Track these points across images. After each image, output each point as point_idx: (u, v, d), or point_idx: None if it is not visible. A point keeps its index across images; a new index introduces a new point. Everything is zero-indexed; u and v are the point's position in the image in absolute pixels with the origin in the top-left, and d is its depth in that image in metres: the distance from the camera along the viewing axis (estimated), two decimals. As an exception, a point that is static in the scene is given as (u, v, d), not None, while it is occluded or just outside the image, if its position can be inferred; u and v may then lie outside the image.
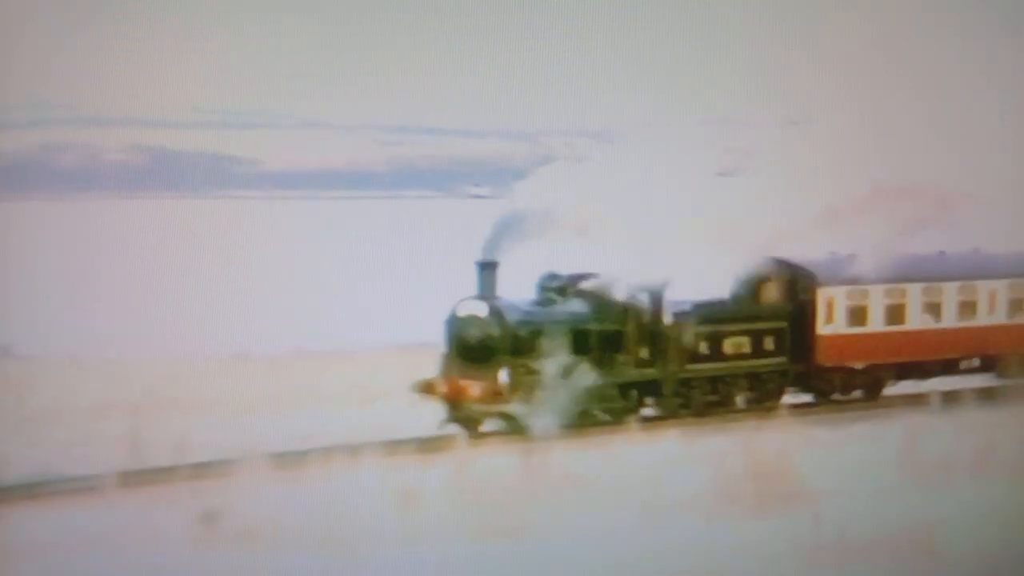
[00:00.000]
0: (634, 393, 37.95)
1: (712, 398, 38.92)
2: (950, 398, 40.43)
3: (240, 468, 31.32)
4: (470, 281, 36.87)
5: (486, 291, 36.52)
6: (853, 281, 40.41)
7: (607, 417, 36.84)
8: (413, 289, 38.65)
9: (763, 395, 39.66)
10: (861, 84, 42.04)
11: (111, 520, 28.09)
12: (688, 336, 38.49)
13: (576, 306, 37.69)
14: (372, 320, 39.26)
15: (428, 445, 34.85)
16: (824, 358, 40.26)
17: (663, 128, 41.17)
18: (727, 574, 23.46)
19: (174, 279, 76.20)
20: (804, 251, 39.84)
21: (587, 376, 36.51)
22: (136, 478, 31.84)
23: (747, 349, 39.44)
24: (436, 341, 36.89)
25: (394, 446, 34.84)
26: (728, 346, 39.16)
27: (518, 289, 37.62)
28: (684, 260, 37.59)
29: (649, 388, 38.24)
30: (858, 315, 40.40)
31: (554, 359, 36.27)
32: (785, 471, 28.92)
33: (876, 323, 40.85)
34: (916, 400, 40.83)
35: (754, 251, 38.85)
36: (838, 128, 40.79)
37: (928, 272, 41.78)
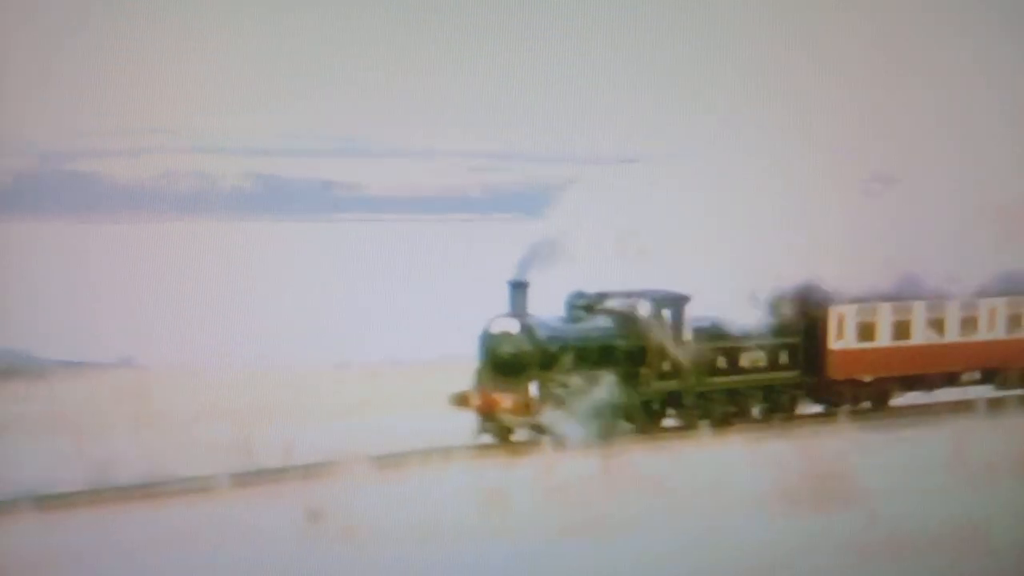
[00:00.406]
0: (656, 405, 37.77)
1: (730, 409, 38.61)
2: (995, 404, 40.40)
3: (342, 469, 31.37)
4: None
5: (517, 309, 36.46)
6: (862, 299, 40.17)
7: (631, 427, 36.69)
8: (479, 303, 38.51)
9: (777, 406, 39.40)
10: (872, 104, 41.94)
11: (224, 518, 28.21)
12: (708, 350, 38.31)
13: (602, 323, 37.63)
14: (461, 329, 39.26)
15: (512, 448, 35.05)
16: (835, 372, 40.05)
17: (689, 155, 40.84)
18: (789, 569, 23.37)
19: (282, 295, 76.58)
20: (819, 271, 39.38)
21: (612, 389, 36.35)
22: (247, 479, 32.07)
23: (763, 363, 39.20)
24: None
25: (482, 449, 35.06)
26: (745, 360, 38.91)
27: (548, 307, 37.40)
28: (704, 279, 37.47)
29: (671, 400, 38.01)
30: (867, 331, 40.22)
31: (581, 373, 36.30)
32: (842, 473, 28.78)
33: (884, 338, 40.66)
34: (963, 406, 40.49)
35: (771, 270, 38.46)
36: (848, 147, 40.69)
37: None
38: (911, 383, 41.26)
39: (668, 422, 37.86)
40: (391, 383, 41.49)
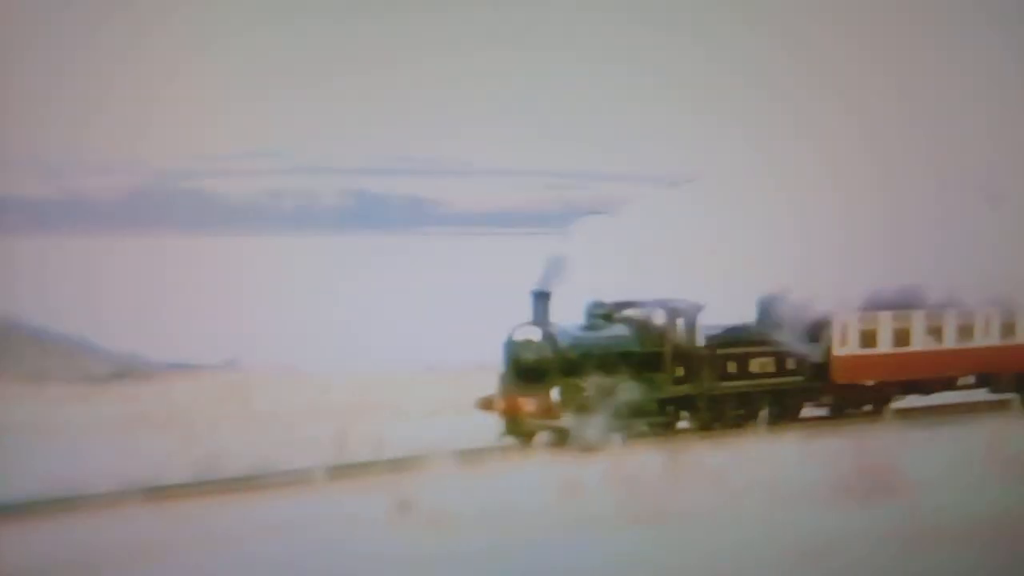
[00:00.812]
0: (671, 408, 37.49)
1: (740, 412, 38.20)
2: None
3: (429, 462, 31.40)
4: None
5: (540, 318, 36.23)
6: (865, 308, 39.83)
7: (647, 429, 36.41)
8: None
9: (784, 409, 38.89)
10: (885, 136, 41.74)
11: (320, 508, 28.39)
12: (720, 356, 37.99)
13: (620, 330, 37.37)
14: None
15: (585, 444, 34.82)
16: (839, 376, 39.59)
17: (710, 177, 40.72)
18: (838, 557, 23.27)
19: (375, 304, 77.07)
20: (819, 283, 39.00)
21: (629, 393, 36.18)
22: (342, 472, 32.14)
23: (771, 368, 38.80)
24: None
25: (555, 445, 35.09)
26: (754, 366, 38.56)
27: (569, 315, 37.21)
28: (716, 288, 37.28)
29: (685, 403, 37.69)
30: (869, 338, 39.86)
31: (600, 378, 36.04)
32: (887, 467, 28.64)
33: (885, 345, 40.30)
34: (999, 406, 40.51)
35: (779, 280, 38.23)
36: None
37: None
38: (910, 387, 40.93)
39: (682, 424, 37.69)
40: (473, 384, 41.44)
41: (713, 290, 37.26)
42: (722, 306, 37.70)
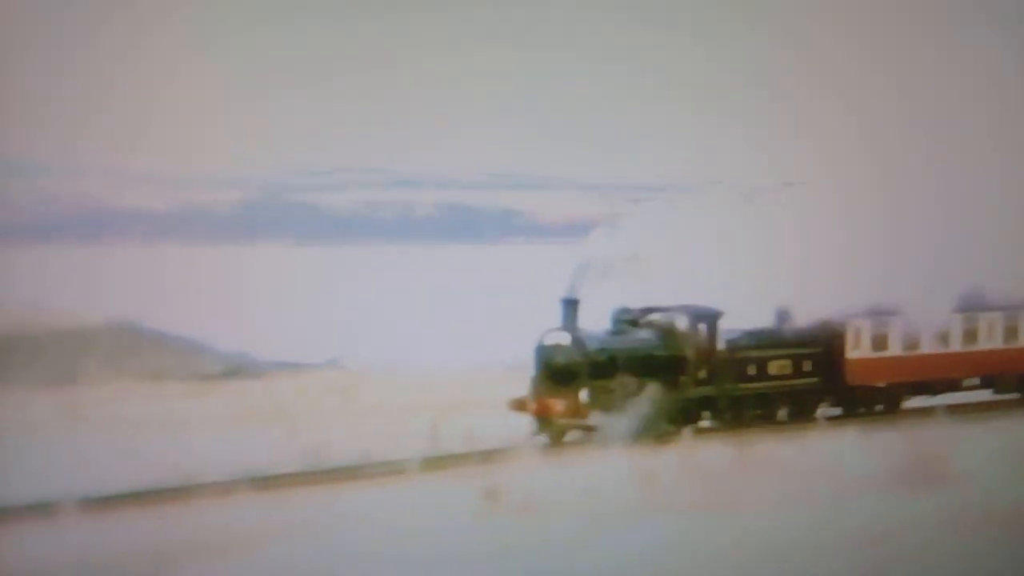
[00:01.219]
0: (694, 408, 37.23)
1: (758, 412, 37.93)
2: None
3: (516, 454, 31.53)
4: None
5: (568, 323, 35.89)
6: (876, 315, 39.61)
7: (672, 428, 36.07)
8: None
9: (801, 409, 38.61)
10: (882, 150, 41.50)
11: (415, 496, 28.52)
12: (739, 359, 37.77)
13: (645, 335, 37.11)
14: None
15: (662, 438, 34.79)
16: (853, 378, 39.28)
17: (720, 188, 40.65)
18: (894, 542, 23.25)
19: (468, 308, 77.23)
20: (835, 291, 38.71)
21: (654, 394, 35.81)
22: (435, 463, 32.26)
23: (789, 371, 38.48)
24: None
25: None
26: (773, 368, 38.30)
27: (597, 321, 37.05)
28: (737, 295, 37.13)
29: (706, 403, 37.37)
30: (880, 342, 39.58)
31: (626, 380, 35.74)
32: (941, 457, 28.59)
33: (895, 349, 40.05)
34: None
35: (796, 287, 38.07)
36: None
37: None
38: (919, 388, 40.60)
39: (703, 423, 37.43)
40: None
41: (732, 296, 37.17)
42: (742, 311, 37.59)
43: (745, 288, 37.00)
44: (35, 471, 32.67)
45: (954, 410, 39.02)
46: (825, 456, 30.33)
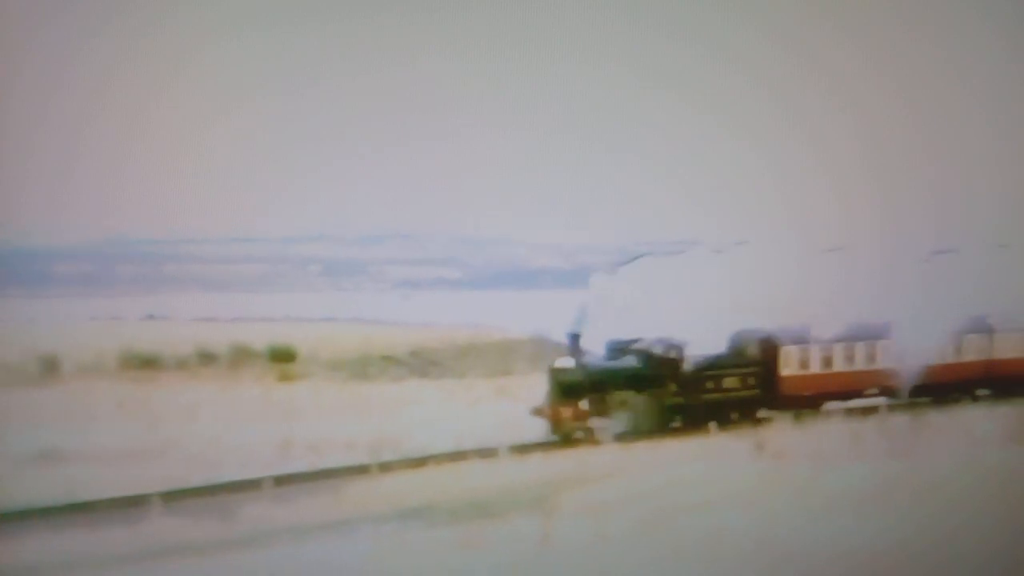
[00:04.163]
0: (668, 413, 44.77)
1: (715, 415, 45.01)
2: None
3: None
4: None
5: (573, 351, 43.63)
6: (802, 342, 47.44)
7: (652, 428, 43.52)
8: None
9: (746, 412, 46.00)
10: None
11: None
12: (700, 377, 45.16)
13: (631, 360, 45.00)
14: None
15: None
16: (785, 390, 47.22)
17: (691, 246, 47.66)
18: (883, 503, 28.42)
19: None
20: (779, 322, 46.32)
21: (638, 403, 43.85)
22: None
23: (738, 384, 46.08)
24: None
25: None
26: (726, 383, 45.84)
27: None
28: (699, 328, 44.13)
29: (677, 410, 44.99)
30: (805, 363, 47.68)
31: (617, 394, 43.53)
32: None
33: (815, 367, 47.82)
34: None
35: (743, 323, 45.43)
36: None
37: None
38: (834, 396, 48.00)
39: (675, 425, 45.03)
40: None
41: (697, 330, 44.30)
42: (704, 341, 44.94)
43: (706, 324, 44.11)
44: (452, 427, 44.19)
45: (852, 412, 46.84)
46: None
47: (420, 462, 38.62)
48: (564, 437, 42.36)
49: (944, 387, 49.33)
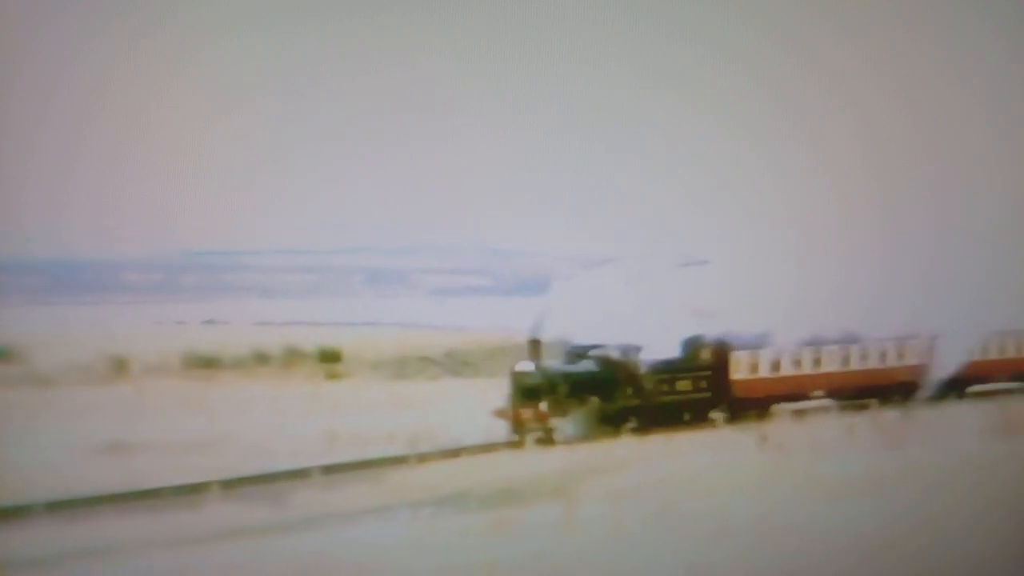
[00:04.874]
0: (623, 414, 42.89)
1: (669, 416, 43.44)
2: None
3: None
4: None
5: (533, 356, 42.17)
6: (752, 347, 45.95)
7: (609, 429, 41.89)
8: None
9: (698, 415, 44.30)
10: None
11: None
12: (655, 380, 43.67)
13: (588, 364, 43.38)
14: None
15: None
16: (736, 392, 45.62)
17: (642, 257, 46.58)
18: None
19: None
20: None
21: (594, 405, 42.27)
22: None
23: (690, 388, 44.47)
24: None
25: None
26: (679, 386, 44.27)
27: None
28: (655, 333, 43.32)
29: (632, 411, 43.17)
30: (754, 367, 46.19)
31: (575, 396, 41.95)
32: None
33: (764, 371, 46.32)
34: None
35: (698, 329, 44.50)
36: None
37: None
38: (782, 399, 46.30)
39: (631, 426, 43.00)
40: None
41: (651, 335, 43.34)
42: (658, 346, 43.76)
43: (661, 330, 43.28)
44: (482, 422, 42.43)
45: (800, 413, 45.69)
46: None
47: (454, 453, 38.99)
48: (523, 436, 40.91)
49: (880, 390, 47.68)
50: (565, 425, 41.30)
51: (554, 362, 42.88)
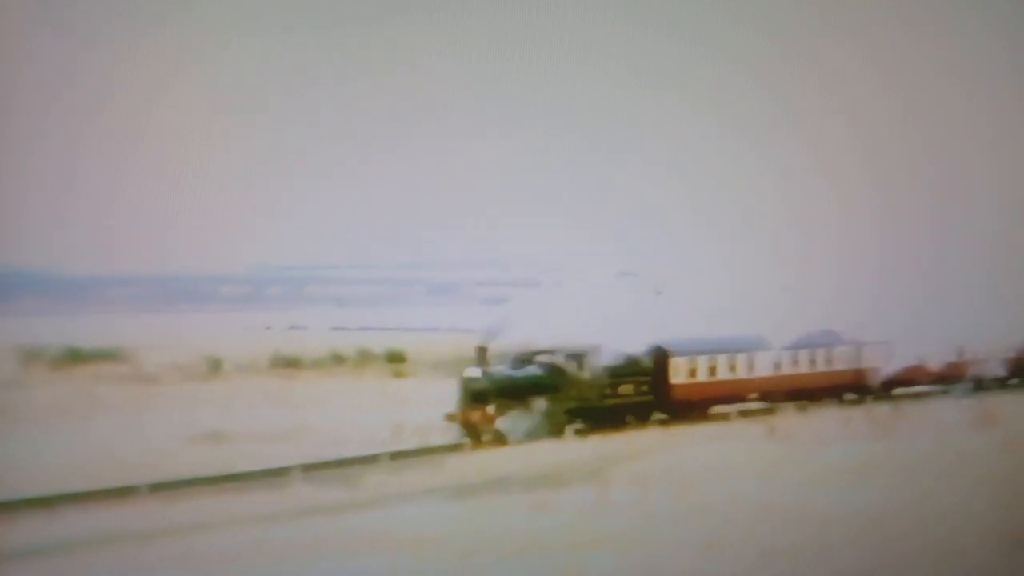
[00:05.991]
0: (569, 416, 40.69)
1: (613, 418, 41.34)
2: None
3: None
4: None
5: (480, 362, 39.87)
6: (689, 353, 44.04)
7: (554, 430, 39.84)
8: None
9: (640, 416, 42.21)
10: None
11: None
12: (600, 383, 41.45)
13: (534, 369, 41.18)
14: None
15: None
16: (675, 395, 43.51)
17: (590, 270, 45.63)
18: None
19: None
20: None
21: (541, 407, 39.98)
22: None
23: (632, 391, 42.19)
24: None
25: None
26: (622, 389, 41.96)
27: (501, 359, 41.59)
28: (600, 340, 41.53)
29: (578, 413, 40.99)
30: (692, 372, 44.05)
31: (521, 399, 39.76)
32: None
33: (702, 376, 44.13)
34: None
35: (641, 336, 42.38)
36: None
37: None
38: (719, 401, 44.73)
39: (576, 426, 41.14)
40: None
41: (598, 339, 41.47)
42: (606, 350, 41.70)
43: (606, 336, 41.41)
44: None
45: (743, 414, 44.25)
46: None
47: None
48: (474, 439, 38.77)
49: (813, 392, 46.09)
50: (512, 426, 39.28)
51: (500, 367, 40.75)
